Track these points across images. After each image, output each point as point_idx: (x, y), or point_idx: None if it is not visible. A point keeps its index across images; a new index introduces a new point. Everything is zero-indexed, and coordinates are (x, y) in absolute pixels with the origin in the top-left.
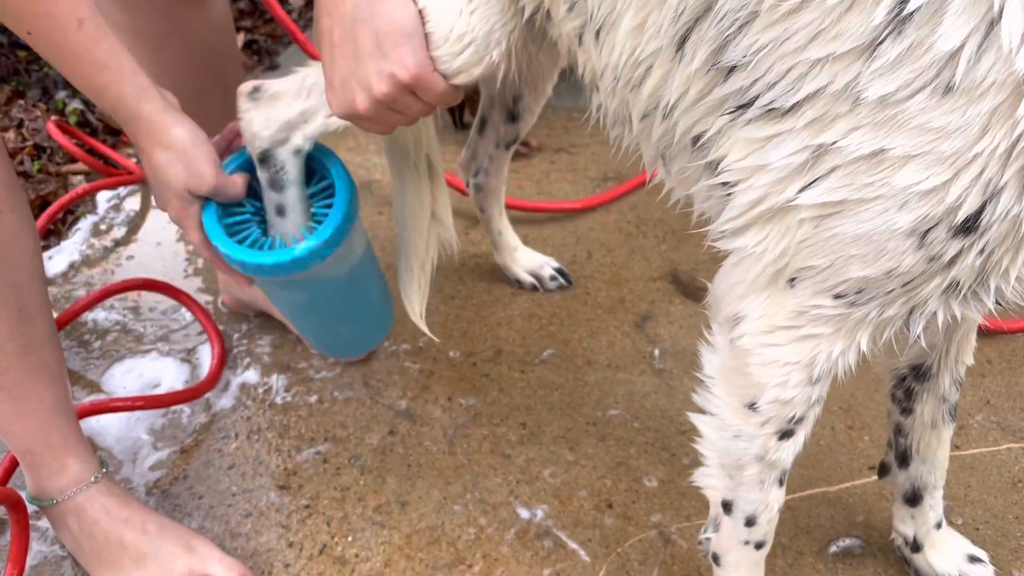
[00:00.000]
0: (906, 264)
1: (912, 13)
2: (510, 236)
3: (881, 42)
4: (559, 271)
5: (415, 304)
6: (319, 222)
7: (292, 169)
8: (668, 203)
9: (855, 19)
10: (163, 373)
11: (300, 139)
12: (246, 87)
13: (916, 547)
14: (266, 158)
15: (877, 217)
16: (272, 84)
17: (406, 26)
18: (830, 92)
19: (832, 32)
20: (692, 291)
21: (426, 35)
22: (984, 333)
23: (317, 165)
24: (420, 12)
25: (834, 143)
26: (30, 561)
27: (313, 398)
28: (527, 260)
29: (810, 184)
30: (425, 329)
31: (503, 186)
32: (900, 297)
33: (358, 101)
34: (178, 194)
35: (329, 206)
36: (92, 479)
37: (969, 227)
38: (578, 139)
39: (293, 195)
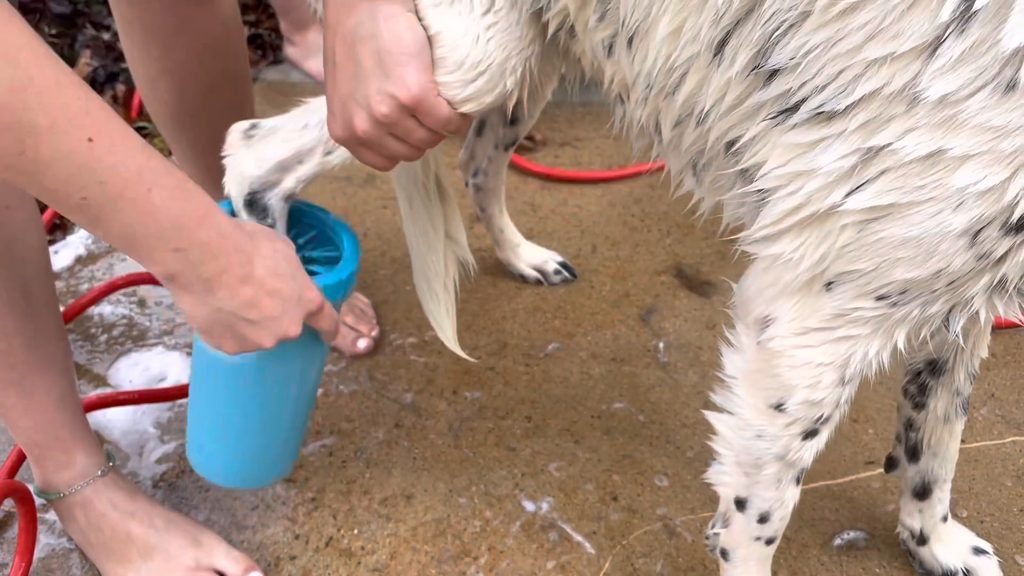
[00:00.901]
0: (956, 264)
1: (978, 10)
2: (512, 233)
3: (944, 40)
4: (563, 265)
5: (446, 328)
6: (312, 272)
7: (279, 215)
8: (673, 197)
9: (918, 17)
10: (169, 367)
11: (292, 182)
12: (242, 125)
13: (922, 540)
14: (253, 203)
15: (929, 219)
16: (268, 121)
17: (410, 47)
18: (886, 93)
19: (892, 31)
20: (696, 285)
21: (437, 60)
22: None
23: (301, 216)
24: (433, 37)
25: (887, 145)
26: (38, 553)
27: (319, 391)
28: (531, 255)
29: (857, 188)
30: (462, 353)
31: (502, 186)
32: (944, 295)
33: (357, 121)
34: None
35: (318, 260)
36: (99, 472)
37: (1022, 224)
38: (583, 133)
39: None
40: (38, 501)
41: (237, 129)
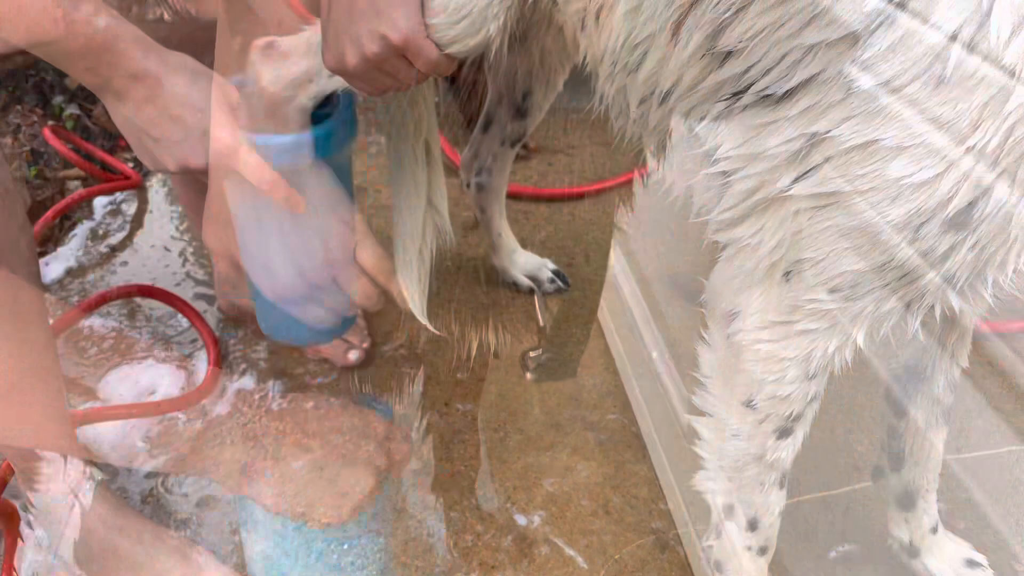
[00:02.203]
0: (900, 258)
1: (906, 1)
2: (509, 238)
3: (875, 30)
4: (557, 273)
5: (415, 296)
6: None
7: (299, 125)
8: (666, 204)
9: (849, 5)
10: (159, 380)
11: (305, 99)
12: (260, 42)
13: (913, 552)
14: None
15: (870, 210)
16: (284, 41)
17: None
18: (823, 80)
19: (826, 18)
20: (691, 293)
21: (425, 1)
22: (985, 334)
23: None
24: None
25: (827, 132)
26: (24, 571)
27: (309, 404)
28: (525, 262)
29: (804, 174)
30: (428, 324)
31: (504, 186)
32: (896, 291)
33: (348, 57)
34: (230, 111)
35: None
36: (88, 486)
37: (961, 221)
38: (576, 141)
39: None
40: (24, 516)
41: (257, 45)
